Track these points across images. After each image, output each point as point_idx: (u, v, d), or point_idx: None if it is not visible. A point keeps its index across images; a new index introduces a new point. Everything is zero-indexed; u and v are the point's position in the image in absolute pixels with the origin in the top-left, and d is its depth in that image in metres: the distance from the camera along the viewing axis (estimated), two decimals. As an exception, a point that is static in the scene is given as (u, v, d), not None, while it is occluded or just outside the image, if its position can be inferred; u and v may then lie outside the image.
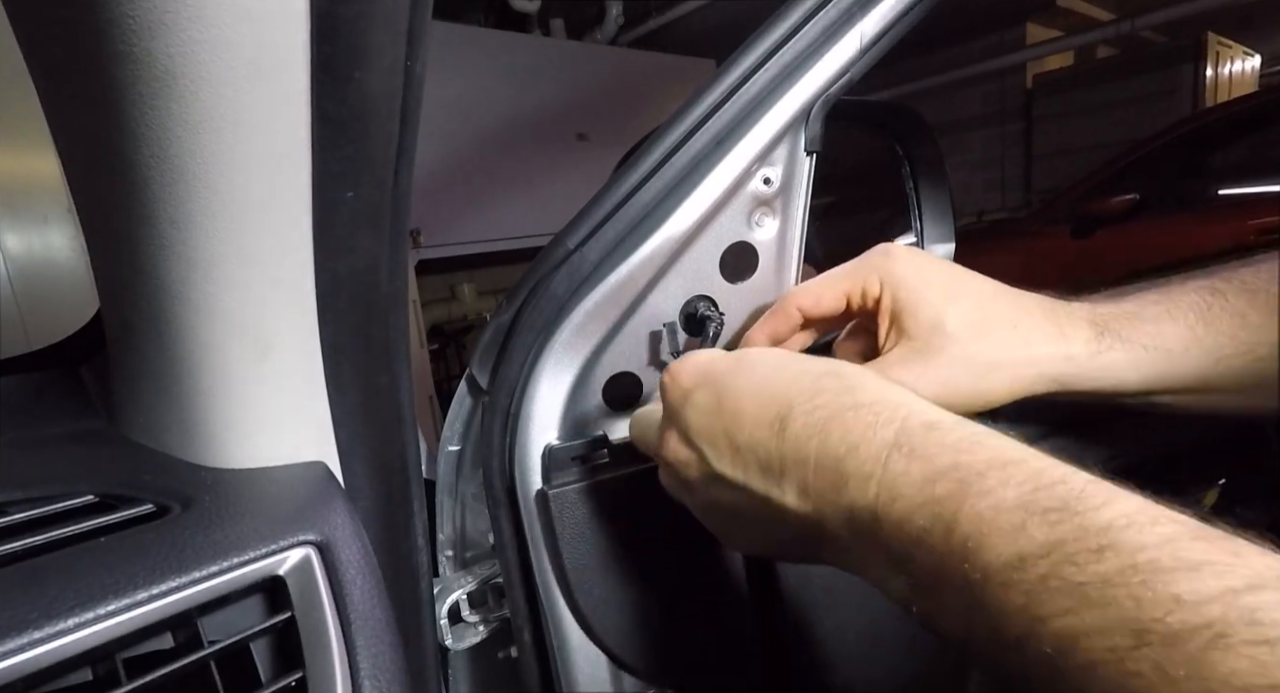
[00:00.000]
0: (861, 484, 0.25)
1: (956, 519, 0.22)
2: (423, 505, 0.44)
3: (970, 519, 0.22)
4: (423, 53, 0.30)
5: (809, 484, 0.28)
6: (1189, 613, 0.17)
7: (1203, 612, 0.17)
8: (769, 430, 0.29)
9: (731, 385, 0.32)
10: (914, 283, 0.37)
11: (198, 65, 0.24)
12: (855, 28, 0.40)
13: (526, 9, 3.47)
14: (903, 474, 0.24)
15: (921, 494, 0.23)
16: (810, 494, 0.28)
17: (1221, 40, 4.71)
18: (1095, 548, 0.19)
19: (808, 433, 0.28)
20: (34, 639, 0.24)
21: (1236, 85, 4.90)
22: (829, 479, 0.27)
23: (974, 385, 0.36)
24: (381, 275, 0.35)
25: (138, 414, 0.38)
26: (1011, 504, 0.21)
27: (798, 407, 0.29)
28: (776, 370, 0.32)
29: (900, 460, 0.25)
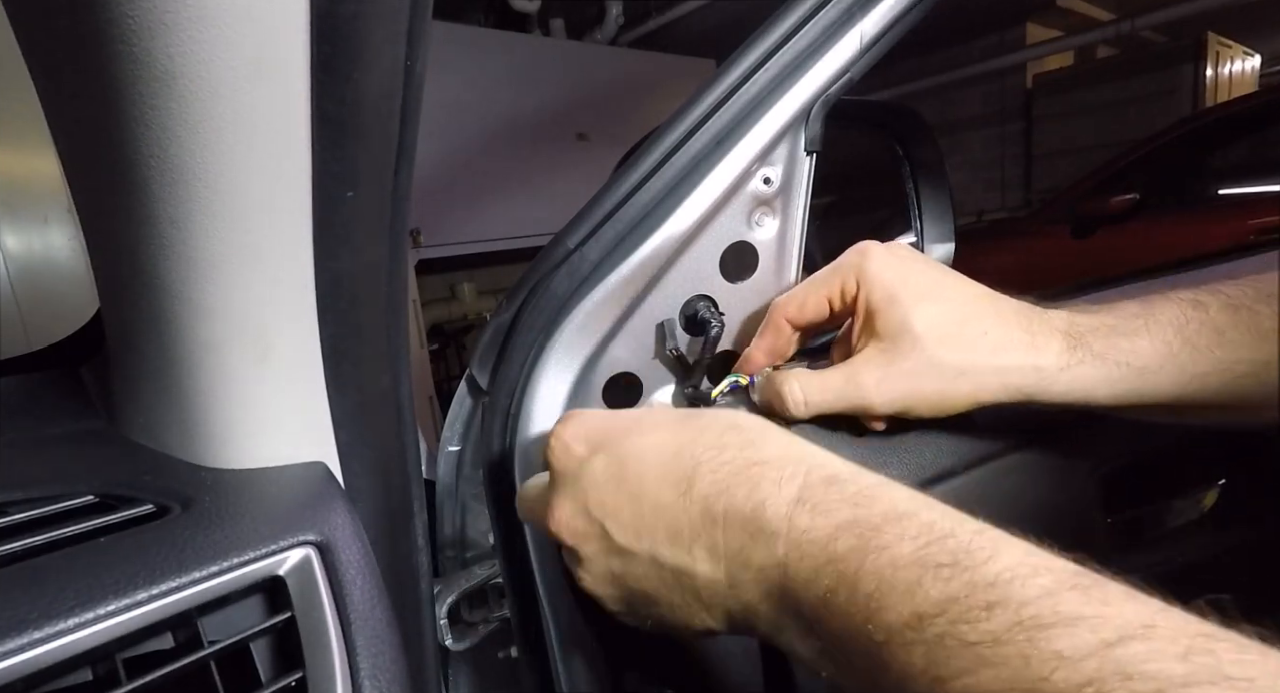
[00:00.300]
0: (769, 542, 0.26)
1: (859, 577, 0.23)
2: (423, 506, 0.44)
3: (870, 576, 0.23)
4: (423, 53, 0.30)
5: (719, 546, 0.27)
6: (1070, 670, 0.18)
7: (1081, 668, 0.17)
8: (674, 491, 0.29)
9: (633, 448, 0.30)
10: (887, 283, 0.37)
11: (198, 65, 0.24)
12: (855, 28, 0.40)
13: (526, 9, 3.47)
14: (807, 531, 0.25)
15: (825, 552, 0.24)
16: (721, 556, 0.27)
17: (1221, 40, 4.71)
18: (985, 605, 0.20)
19: (715, 491, 0.28)
20: (34, 639, 0.24)
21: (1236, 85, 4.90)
22: (738, 539, 0.27)
23: (938, 390, 0.36)
24: (381, 275, 0.35)
25: (138, 414, 0.38)
26: (907, 560, 0.22)
27: (704, 465, 0.28)
28: (679, 428, 0.31)
29: (804, 516, 0.25)
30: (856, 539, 0.24)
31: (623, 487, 0.30)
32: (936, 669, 0.20)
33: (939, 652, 0.20)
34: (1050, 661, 0.18)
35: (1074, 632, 0.18)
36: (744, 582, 0.27)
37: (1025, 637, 0.19)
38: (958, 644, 0.20)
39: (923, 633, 0.21)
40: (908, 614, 0.21)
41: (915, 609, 0.21)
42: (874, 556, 0.23)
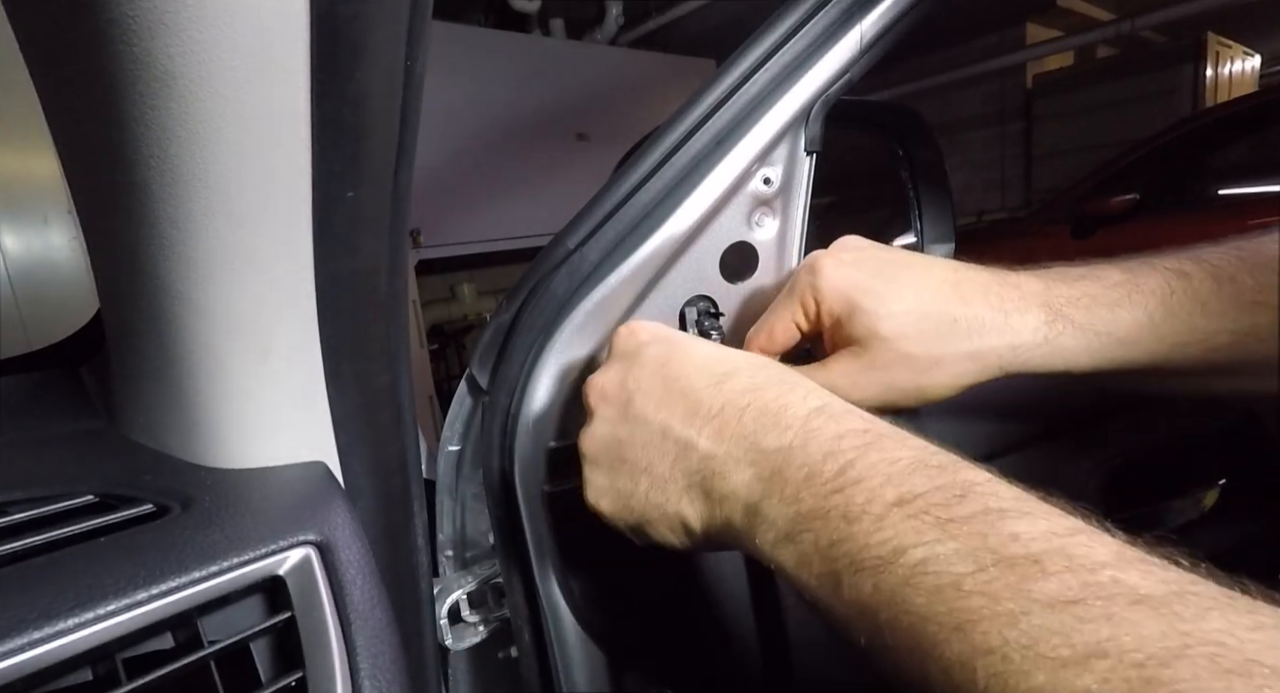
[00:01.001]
0: (781, 432, 0.28)
1: (854, 464, 0.26)
2: (423, 506, 0.44)
3: (866, 466, 0.26)
4: (423, 53, 0.30)
5: (728, 430, 0.30)
6: (1019, 547, 0.21)
7: (1029, 547, 0.21)
8: (707, 381, 0.32)
9: (685, 346, 0.34)
10: (844, 293, 0.36)
11: (198, 65, 0.24)
12: (855, 28, 0.40)
13: (526, 9, 3.47)
14: (818, 429, 0.28)
15: (830, 444, 0.27)
16: (725, 438, 0.30)
17: (1221, 40, 4.71)
18: (961, 494, 0.23)
19: (746, 388, 0.31)
20: (34, 639, 0.24)
21: (1236, 85, 4.90)
22: (751, 426, 0.29)
23: (916, 383, 0.36)
24: (381, 275, 0.35)
25: (138, 414, 0.38)
26: (905, 459, 0.25)
27: (743, 370, 0.32)
28: (725, 349, 0.35)
29: (819, 419, 0.28)
30: (861, 441, 0.27)
31: (662, 369, 0.33)
32: (900, 540, 0.23)
33: (909, 525, 0.23)
34: (1005, 538, 0.21)
35: (1031, 521, 0.22)
36: (740, 461, 0.29)
37: (987, 520, 0.22)
38: (930, 520, 0.23)
39: (902, 510, 0.23)
40: (892, 496, 0.24)
41: (900, 494, 0.24)
42: (874, 453, 0.26)
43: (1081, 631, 0.18)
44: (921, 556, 0.22)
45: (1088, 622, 0.18)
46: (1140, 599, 0.18)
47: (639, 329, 0.36)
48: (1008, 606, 0.19)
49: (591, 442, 0.35)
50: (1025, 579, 0.20)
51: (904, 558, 0.22)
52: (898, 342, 0.36)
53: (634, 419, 0.33)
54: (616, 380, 0.34)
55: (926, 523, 0.23)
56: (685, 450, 0.31)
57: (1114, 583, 0.19)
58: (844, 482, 0.25)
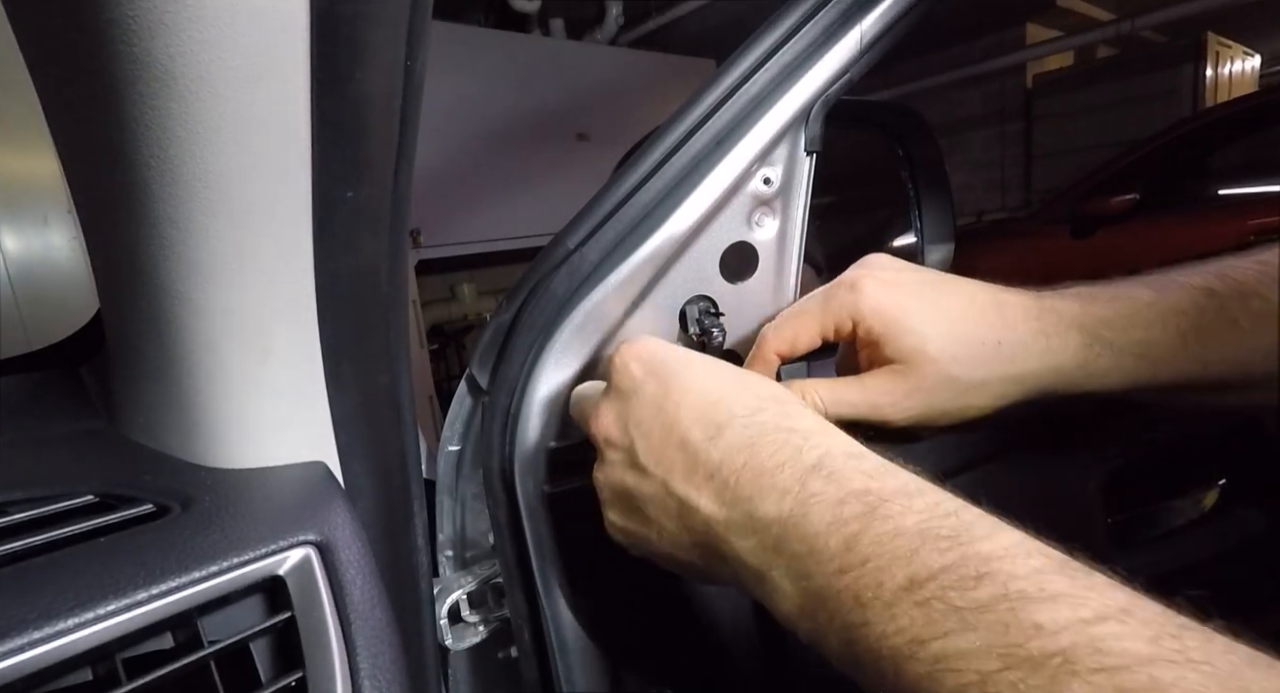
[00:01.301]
0: (779, 498, 0.27)
1: (859, 539, 0.24)
2: (423, 506, 0.44)
3: (871, 541, 0.24)
4: (423, 53, 0.30)
5: (727, 492, 0.29)
6: (1046, 640, 0.19)
7: (1058, 640, 0.19)
8: (703, 434, 0.30)
9: (678, 385, 0.33)
10: (888, 314, 0.36)
11: (198, 65, 0.24)
12: (855, 28, 0.40)
13: (526, 9, 3.47)
14: (817, 494, 0.26)
15: (831, 513, 0.25)
16: (725, 502, 0.29)
17: (1221, 40, 4.71)
18: (976, 576, 0.21)
19: (740, 444, 0.29)
20: (34, 639, 0.24)
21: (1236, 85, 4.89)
22: (748, 490, 0.28)
23: (957, 404, 0.36)
24: (381, 275, 0.35)
25: (138, 414, 0.38)
26: (910, 530, 0.23)
27: (736, 419, 0.30)
28: (724, 383, 0.33)
29: (817, 482, 0.27)
30: (864, 507, 0.25)
31: (659, 415, 0.32)
32: (917, 630, 0.21)
33: (924, 614, 0.21)
34: (1029, 630, 0.19)
35: (1055, 607, 0.20)
36: (742, 529, 0.28)
37: (1008, 607, 0.20)
38: (945, 609, 0.21)
39: (913, 595, 0.22)
40: (902, 579, 0.22)
41: (910, 575, 0.22)
42: (879, 523, 0.24)
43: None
44: (941, 649, 0.21)
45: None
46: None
47: (631, 360, 0.35)
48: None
49: (604, 485, 0.35)
50: (1055, 682, 0.18)
51: (922, 651, 0.21)
52: (943, 364, 0.35)
53: (639, 470, 0.32)
54: (619, 423, 0.34)
55: (939, 611, 0.21)
56: (688, 510, 0.30)
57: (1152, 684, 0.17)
58: (851, 561, 0.24)
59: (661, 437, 0.32)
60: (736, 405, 0.31)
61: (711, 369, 0.34)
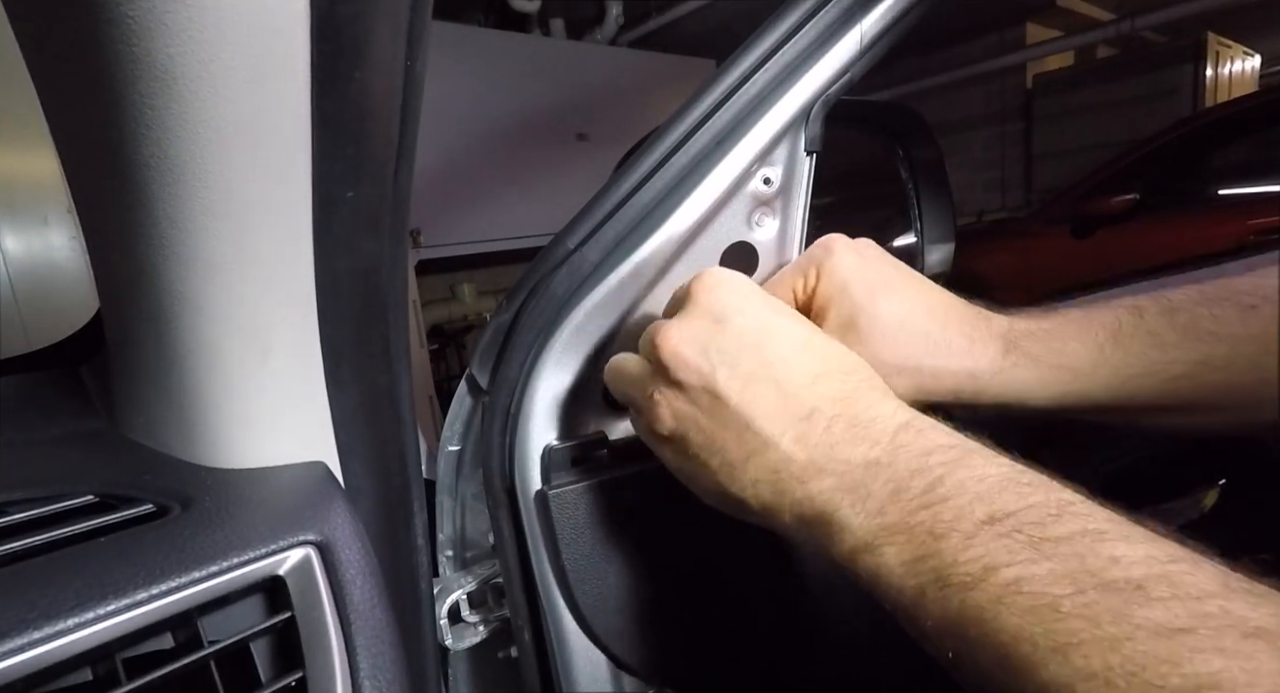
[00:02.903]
0: (868, 447, 0.28)
1: (943, 481, 0.25)
2: (423, 506, 0.44)
3: (955, 484, 0.25)
4: (423, 53, 0.30)
5: (812, 437, 0.29)
6: (1121, 571, 0.20)
7: (1132, 571, 0.20)
8: (801, 379, 0.31)
9: (777, 325, 0.32)
10: (842, 278, 0.37)
11: (198, 65, 0.24)
12: (855, 28, 0.40)
13: (526, 9, 3.47)
14: (906, 445, 0.27)
15: (918, 461, 0.27)
16: (809, 445, 0.29)
17: (1221, 40, 4.71)
18: (1056, 513, 0.23)
19: (836, 395, 0.30)
20: (34, 639, 0.24)
21: (1236, 85, 4.90)
22: (838, 436, 0.29)
23: None
24: (382, 275, 0.35)
25: (138, 414, 0.38)
26: (994, 476, 0.25)
27: (833, 373, 0.31)
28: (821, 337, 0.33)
29: (908, 435, 0.28)
30: (949, 457, 0.26)
31: (755, 351, 0.31)
32: (991, 558, 0.22)
33: (1002, 544, 0.22)
34: (1105, 561, 0.20)
35: (1131, 545, 0.21)
36: (821, 471, 0.29)
37: (1086, 541, 0.21)
38: (1024, 540, 0.22)
39: (992, 528, 0.23)
40: (982, 514, 0.23)
41: (990, 512, 0.23)
42: (963, 470, 0.25)
43: (1192, 661, 0.17)
44: (1014, 575, 0.21)
45: (1199, 652, 0.17)
46: (1254, 632, 0.17)
47: (724, 287, 0.33)
48: (1110, 630, 0.19)
49: (660, 405, 0.33)
50: (1129, 604, 0.19)
51: (996, 577, 0.22)
52: (869, 340, 0.36)
53: (715, 398, 0.31)
54: (697, 344, 0.32)
55: (1019, 542, 0.22)
56: (764, 447, 0.30)
57: (1223, 613, 0.18)
58: (932, 498, 0.25)
59: (751, 370, 0.31)
60: (834, 360, 0.32)
61: (805, 320, 0.34)
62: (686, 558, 0.44)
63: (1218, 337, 0.33)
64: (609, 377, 0.39)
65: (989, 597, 0.21)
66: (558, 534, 0.41)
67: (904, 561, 0.25)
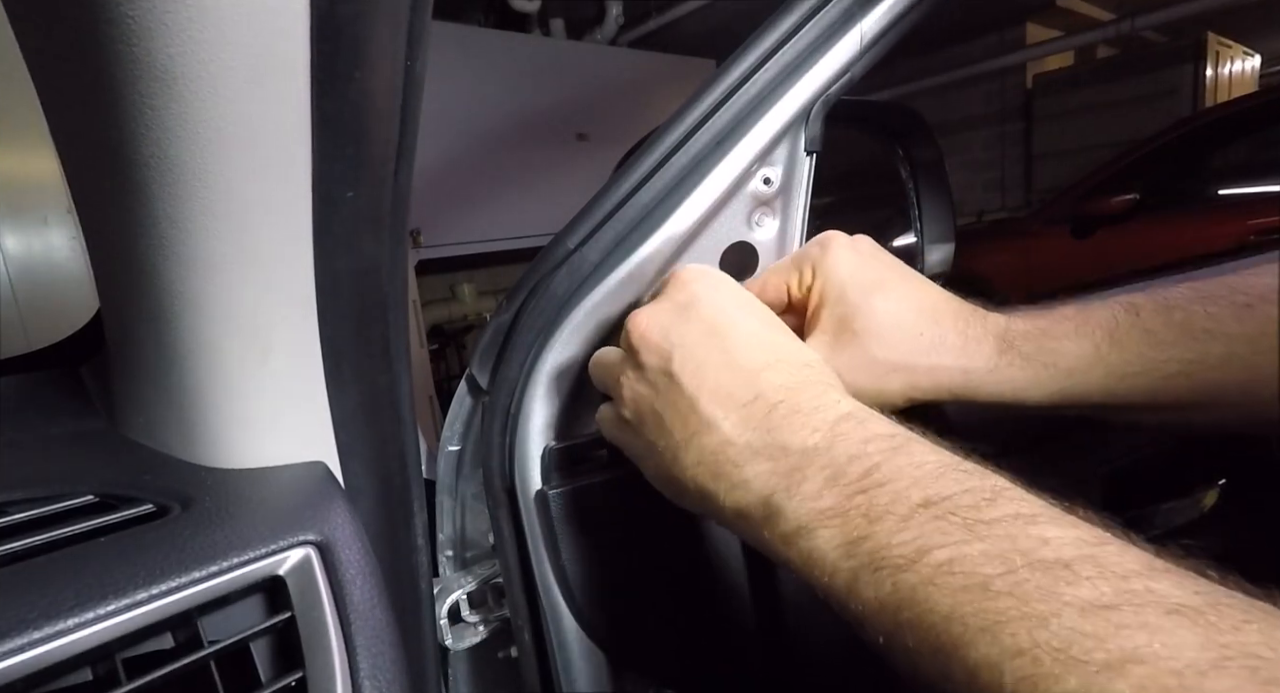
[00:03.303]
0: (808, 434, 0.29)
1: (880, 467, 0.26)
2: (423, 506, 0.44)
3: (892, 469, 0.26)
4: (423, 53, 0.30)
5: (754, 421, 0.30)
6: (1050, 551, 0.21)
7: (1062, 552, 0.21)
8: (749, 366, 0.32)
9: (738, 317, 0.34)
10: (839, 276, 0.37)
11: (198, 65, 0.24)
12: (855, 28, 0.40)
13: (526, 9, 3.47)
14: (845, 434, 0.28)
15: (856, 448, 0.27)
16: (750, 428, 0.30)
17: (1221, 40, 4.71)
18: (990, 498, 0.23)
19: (782, 384, 0.31)
20: (34, 639, 0.24)
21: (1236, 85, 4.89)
22: (778, 422, 0.29)
23: (873, 385, 0.37)
24: (382, 275, 0.35)
25: (138, 414, 0.38)
26: (932, 463, 0.25)
27: (783, 362, 0.32)
28: (780, 332, 0.34)
29: (847, 425, 0.28)
30: (887, 445, 0.27)
31: (710, 337, 0.33)
32: (924, 541, 0.23)
33: (935, 526, 0.23)
34: (1035, 542, 0.21)
35: (1061, 528, 0.22)
36: (758, 454, 0.29)
37: (1019, 523, 0.22)
38: (957, 522, 0.23)
39: (927, 511, 0.23)
40: (918, 498, 0.24)
41: (926, 496, 0.24)
42: (902, 457, 0.26)
43: (1117, 636, 0.18)
44: (947, 556, 0.22)
45: (1123, 628, 0.18)
46: (1175, 609, 0.18)
47: (697, 281, 0.35)
48: (1039, 607, 0.19)
49: (624, 384, 0.35)
50: (1057, 582, 0.20)
51: (928, 558, 0.22)
52: (865, 339, 0.36)
53: (670, 379, 0.33)
54: (661, 329, 0.34)
55: (953, 524, 0.22)
56: (707, 429, 0.31)
57: (1148, 592, 0.19)
58: (868, 483, 0.25)
59: (704, 355, 0.32)
60: (787, 351, 0.33)
61: (770, 318, 0.35)
62: (686, 558, 0.44)
63: (1213, 335, 0.33)
64: (592, 367, 0.39)
65: (921, 578, 0.22)
66: (558, 534, 0.41)
67: (837, 544, 0.25)
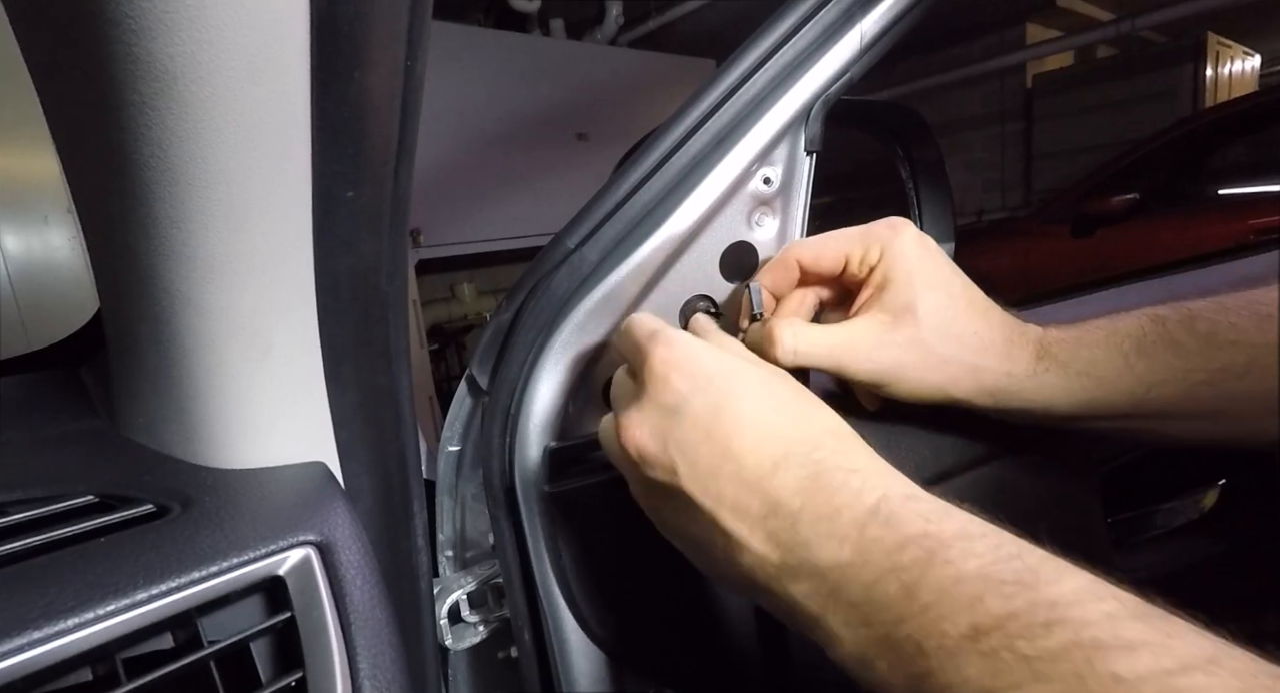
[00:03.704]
0: (837, 545, 0.26)
1: (919, 585, 0.23)
2: (423, 505, 0.44)
3: (932, 587, 0.23)
4: (423, 53, 0.30)
5: (783, 534, 0.28)
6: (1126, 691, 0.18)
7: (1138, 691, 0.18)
8: (758, 469, 0.29)
9: (731, 408, 0.30)
10: (907, 262, 0.38)
11: (198, 66, 0.24)
12: (855, 28, 0.40)
13: (526, 9, 3.47)
14: (876, 539, 0.25)
15: (890, 559, 0.25)
16: (780, 544, 0.28)
17: (1221, 40, 4.71)
18: (1044, 623, 0.20)
19: (798, 485, 0.28)
20: (34, 639, 0.24)
21: (1236, 85, 4.90)
22: (805, 535, 0.27)
23: (919, 375, 0.37)
24: (381, 275, 0.35)
25: (138, 414, 0.38)
26: (972, 575, 0.23)
27: (794, 455, 0.29)
28: (780, 409, 0.31)
29: (877, 527, 0.26)
30: (923, 552, 0.24)
31: (709, 442, 0.30)
32: (985, 681, 0.20)
33: (992, 664, 0.20)
34: (1106, 682, 0.18)
35: (1134, 656, 0.19)
36: (796, 573, 0.27)
37: (1083, 656, 0.19)
38: (1012, 658, 0.20)
39: (978, 644, 0.21)
40: (965, 626, 0.22)
41: (974, 622, 0.21)
42: (939, 568, 0.23)
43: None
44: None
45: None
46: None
47: (670, 370, 0.31)
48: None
49: (645, 504, 0.34)
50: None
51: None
52: (925, 327, 0.37)
53: (684, 497, 0.30)
54: (657, 439, 0.31)
55: (1008, 660, 0.20)
56: (737, 547, 0.29)
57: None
58: (911, 609, 0.23)
59: (711, 465, 0.30)
60: (794, 439, 0.30)
61: (765, 391, 0.31)
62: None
63: (1237, 345, 0.34)
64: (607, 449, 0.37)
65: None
66: (558, 534, 0.41)
67: (899, 680, 0.23)
